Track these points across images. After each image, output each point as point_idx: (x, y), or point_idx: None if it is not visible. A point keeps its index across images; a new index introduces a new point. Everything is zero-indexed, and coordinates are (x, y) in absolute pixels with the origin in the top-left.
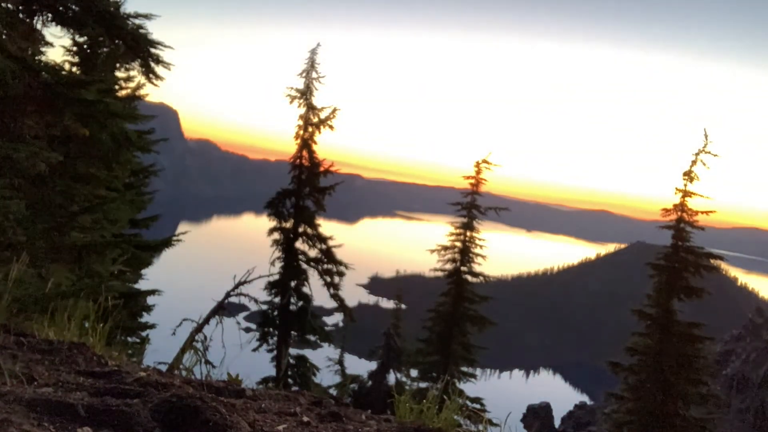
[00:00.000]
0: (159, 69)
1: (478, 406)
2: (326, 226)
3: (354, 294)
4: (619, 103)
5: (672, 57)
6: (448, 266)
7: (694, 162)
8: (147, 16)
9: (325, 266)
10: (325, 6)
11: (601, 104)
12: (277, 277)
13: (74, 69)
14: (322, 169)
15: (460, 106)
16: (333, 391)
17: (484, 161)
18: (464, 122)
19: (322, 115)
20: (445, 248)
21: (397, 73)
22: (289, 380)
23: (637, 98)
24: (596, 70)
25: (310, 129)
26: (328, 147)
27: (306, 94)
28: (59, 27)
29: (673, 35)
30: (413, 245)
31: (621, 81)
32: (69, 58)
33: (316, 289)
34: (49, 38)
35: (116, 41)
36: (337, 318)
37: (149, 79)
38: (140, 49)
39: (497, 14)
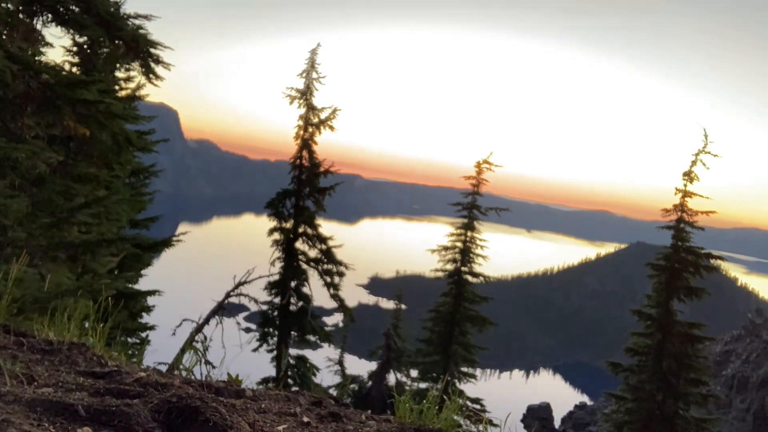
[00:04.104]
0: (159, 69)
1: (478, 406)
2: (326, 226)
3: (354, 294)
4: (620, 104)
5: (673, 56)
6: (449, 266)
7: (693, 162)
8: (147, 17)
9: (325, 266)
10: (327, 4)
11: (602, 104)
12: (277, 277)
13: (74, 69)
14: (322, 169)
15: (461, 105)
16: (333, 391)
17: (485, 161)
18: (465, 122)
19: (322, 115)
20: (446, 248)
21: (397, 72)
22: (289, 380)
23: (639, 98)
24: (597, 71)
25: (310, 129)
26: (328, 147)
27: (306, 94)
28: (59, 27)
29: (673, 34)
30: (413, 245)
31: (622, 82)
32: (69, 58)
33: (316, 289)
34: (49, 38)
35: (116, 42)
36: (337, 318)
37: (149, 80)
38: (140, 50)
39: (497, 11)
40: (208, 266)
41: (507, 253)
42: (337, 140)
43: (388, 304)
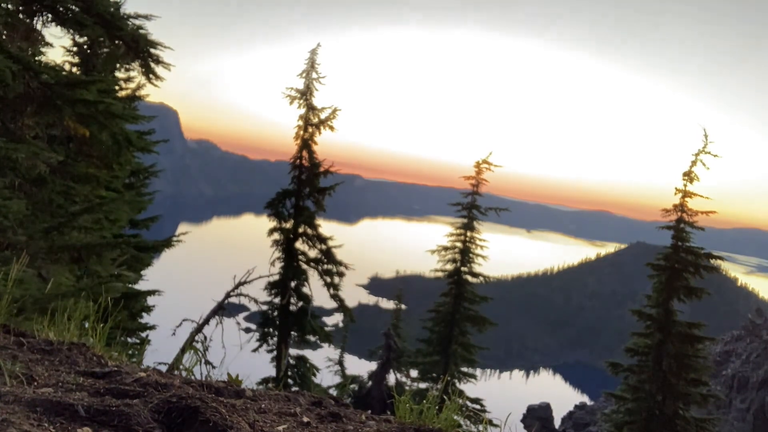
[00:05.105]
0: (159, 69)
1: (478, 406)
2: (326, 226)
3: (354, 294)
4: (620, 103)
5: (674, 55)
6: (449, 267)
7: (693, 162)
8: (147, 17)
9: (325, 266)
10: (328, 4)
11: (602, 104)
12: (277, 277)
13: (74, 69)
14: (322, 169)
15: (461, 104)
16: (333, 391)
17: (485, 161)
18: (465, 121)
19: (322, 115)
20: (446, 249)
21: (397, 72)
22: (289, 380)
23: (639, 98)
24: (598, 71)
25: (310, 129)
26: (328, 147)
27: (306, 94)
28: (59, 27)
29: (674, 33)
30: (413, 245)
31: (622, 82)
32: (69, 58)
33: (316, 289)
34: (49, 38)
35: (116, 42)
36: (337, 318)
37: (149, 80)
38: (140, 50)
39: (497, 10)
40: (208, 266)
41: (507, 253)
42: (337, 140)
43: (388, 304)
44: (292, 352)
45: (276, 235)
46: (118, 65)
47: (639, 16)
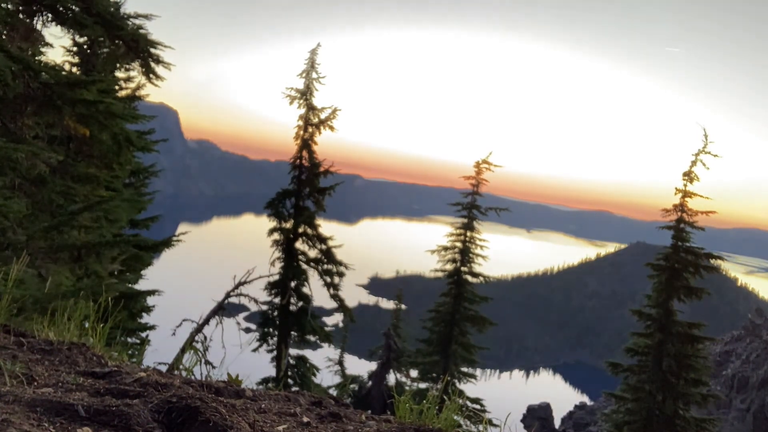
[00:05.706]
0: (159, 69)
1: (478, 406)
2: (326, 227)
3: (354, 294)
4: (620, 103)
5: (673, 56)
6: (449, 266)
7: (693, 162)
8: (147, 17)
9: (325, 266)
10: (328, 4)
11: (602, 104)
12: (277, 277)
13: (74, 69)
14: (322, 169)
15: (461, 104)
16: (333, 391)
17: (485, 161)
18: (465, 121)
19: (322, 115)
20: (445, 249)
21: (397, 71)
22: (289, 380)
23: (639, 98)
24: (598, 70)
25: (310, 129)
26: (328, 147)
27: (306, 94)
28: (59, 27)
29: (673, 33)
30: (413, 245)
31: (622, 81)
32: (69, 58)
33: (316, 289)
34: (49, 38)
35: (116, 42)
36: (337, 318)
37: (149, 80)
38: (140, 50)
39: (497, 10)
40: (208, 266)
41: (507, 253)
42: (337, 140)
43: (388, 304)
44: (292, 352)
45: (276, 235)
46: (118, 65)
47: (639, 15)
